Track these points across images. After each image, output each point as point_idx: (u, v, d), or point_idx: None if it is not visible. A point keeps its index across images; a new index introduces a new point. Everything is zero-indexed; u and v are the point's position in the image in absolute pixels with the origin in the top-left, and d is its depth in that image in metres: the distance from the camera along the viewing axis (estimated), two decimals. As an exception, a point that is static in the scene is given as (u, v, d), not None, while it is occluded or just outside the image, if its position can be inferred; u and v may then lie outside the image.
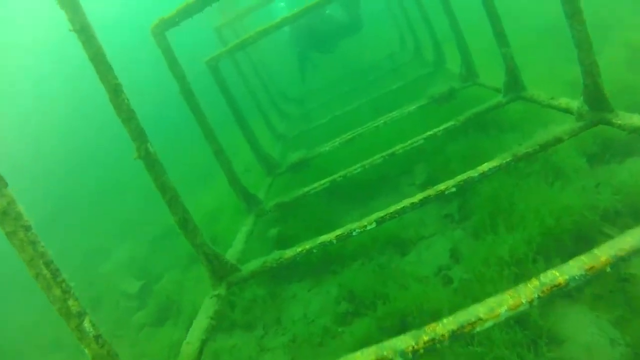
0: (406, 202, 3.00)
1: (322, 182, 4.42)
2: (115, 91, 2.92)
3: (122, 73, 3.18)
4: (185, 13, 3.87)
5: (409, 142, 4.30)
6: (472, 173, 3.07)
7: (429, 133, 4.28)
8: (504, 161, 3.09)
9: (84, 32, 2.87)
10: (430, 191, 3.03)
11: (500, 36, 4.09)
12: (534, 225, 3.79)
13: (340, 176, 4.38)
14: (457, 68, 6.25)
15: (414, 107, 5.47)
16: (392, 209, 3.01)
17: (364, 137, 5.64)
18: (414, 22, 7.92)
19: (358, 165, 4.40)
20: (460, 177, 3.07)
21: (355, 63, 11.63)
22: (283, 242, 5.53)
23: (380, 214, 3.03)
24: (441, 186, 3.04)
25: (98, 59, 2.90)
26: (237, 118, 5.42)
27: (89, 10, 2.91)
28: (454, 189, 3.02)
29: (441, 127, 4.27)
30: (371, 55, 10.93)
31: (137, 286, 7.60)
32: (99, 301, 8.48)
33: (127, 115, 2.96)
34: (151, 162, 3.04)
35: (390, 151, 4.32)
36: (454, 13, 5.24)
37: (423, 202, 3.00)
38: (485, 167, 3.09)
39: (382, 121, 5.51)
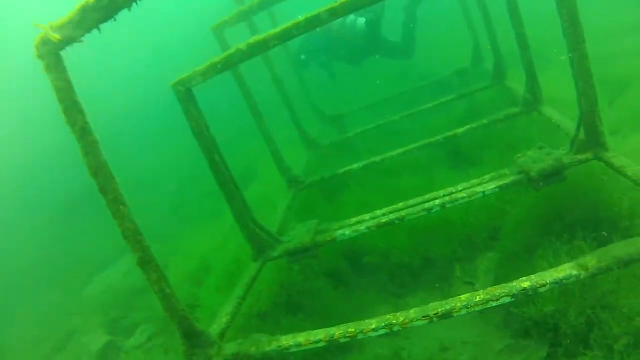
0: None
1: (315, 336, 2.47)
2: None
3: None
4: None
5: (477, 301, 2.24)
6: None
7: (522, 286, 2.20)
8: None
9: None
10: None
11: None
12: None
13: (345, 335, 2.41)
14: (564, 119, 4.08)
15: (492, 185, 3.40)
16: None
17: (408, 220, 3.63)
18: (500, 31, 5.67)
19: (380, 328, 2.39)
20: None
21: (415, 71, 9.36)
22: None
23: None
24: None
25: None
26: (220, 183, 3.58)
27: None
28: None
29: (549, 280, 2.18)
30: (437, 66, 8.61)
31: (100, 342, 6.03)
32: (66, 344, 7.01)
33: None
34: None
35: (440, 311, 2.27)
36: (579, 25, 3.00)
37: None
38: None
39: (438, 202, 3.48)
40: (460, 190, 3.50)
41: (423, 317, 2.30)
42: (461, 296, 2.32)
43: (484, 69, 6.63)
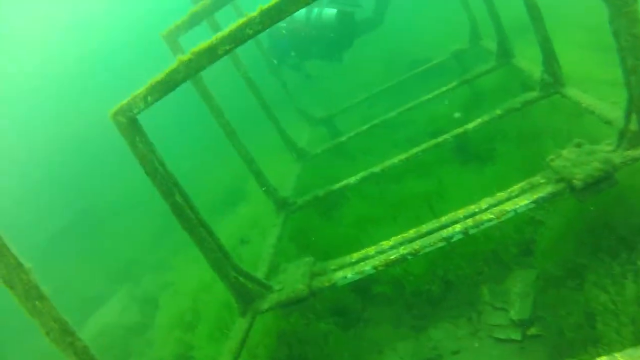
0: None
1: None
2: None
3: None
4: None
5: None
6: None
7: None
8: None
9: None
10: None
11: None
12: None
13: None
14: (599, 102, 3.37)
15: (525, 200, 2.70)
16: None
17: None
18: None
19: None
20: None
21: (404, 59, 8.52)
22: None
23: None
24: None
25: None
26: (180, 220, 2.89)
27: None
28: None
29: None
30: (429, 51, 7.79)
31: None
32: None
33: None
34: None
35: None
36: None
37: None
38: None
39: (459, 228, 2.78)
40: (485, 210, 2.80)
41: None
42: None
43: (485, 48, 5.87)
